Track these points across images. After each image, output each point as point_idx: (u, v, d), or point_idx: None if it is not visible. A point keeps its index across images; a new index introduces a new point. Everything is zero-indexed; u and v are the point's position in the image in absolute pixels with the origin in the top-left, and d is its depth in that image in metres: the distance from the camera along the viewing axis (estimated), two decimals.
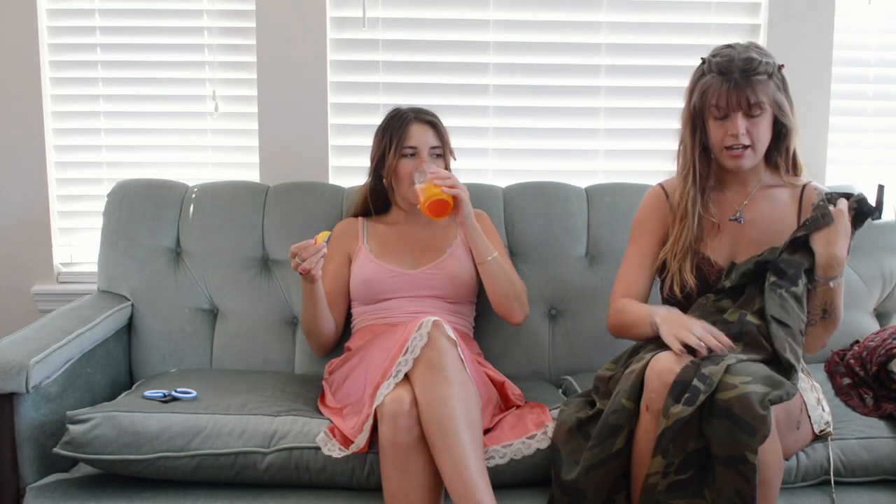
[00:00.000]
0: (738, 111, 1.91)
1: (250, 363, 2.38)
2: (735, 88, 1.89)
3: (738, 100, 1.90)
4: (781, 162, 2.04)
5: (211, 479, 1.88)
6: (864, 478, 1.93)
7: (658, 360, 1.77)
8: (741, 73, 1.89)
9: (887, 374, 2.06)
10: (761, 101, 1.90)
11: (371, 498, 1.86)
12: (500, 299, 2.20)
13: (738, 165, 1.98)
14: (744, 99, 1.89)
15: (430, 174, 2.09)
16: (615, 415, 1.78)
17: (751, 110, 1.91)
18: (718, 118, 1.94)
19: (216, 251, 2.44)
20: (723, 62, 1.91)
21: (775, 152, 2.03)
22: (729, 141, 1.94)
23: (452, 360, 1.82)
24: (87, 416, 1.87)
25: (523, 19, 2.69)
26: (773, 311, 1.84)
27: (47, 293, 2.70)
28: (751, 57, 1.90)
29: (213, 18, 2.67)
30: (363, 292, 2.26)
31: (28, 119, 2.65)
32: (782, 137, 2.01)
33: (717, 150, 1.98)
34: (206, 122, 2.71)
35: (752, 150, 1.95)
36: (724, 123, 1.94)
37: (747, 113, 1.91)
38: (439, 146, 2.27)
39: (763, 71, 1.90)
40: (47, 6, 2.66)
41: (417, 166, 2.21)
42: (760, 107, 1.91)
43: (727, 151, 1.96)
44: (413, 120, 2.25)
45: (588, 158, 2.74)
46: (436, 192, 2.05)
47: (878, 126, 2.78)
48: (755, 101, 1.90)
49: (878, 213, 1.91)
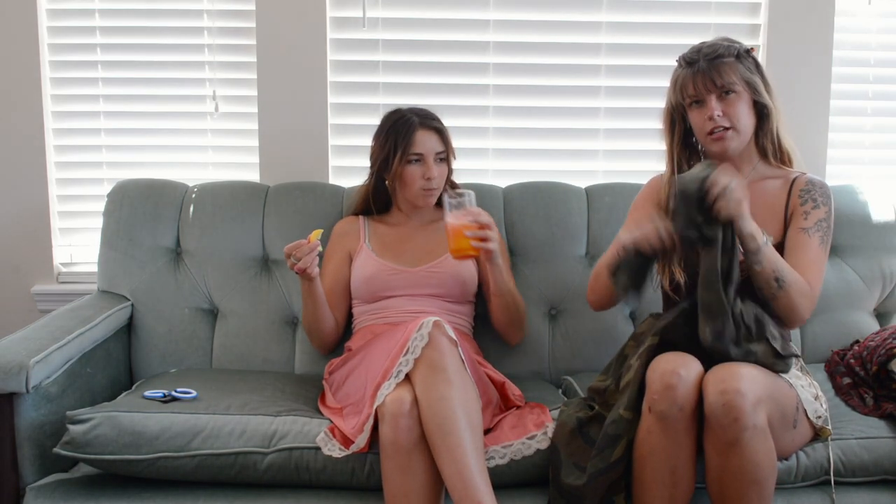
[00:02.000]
0: (711, 94, 1.96)
1: (250, 363, 2.39)
2: (701, 72, 1.97)
3: (705, 83, 1.96)
4: (769, 145, 2.07)
5: (211, 479, 1.88)
6: (864, 478, 1.92)
7: (660, 361, 1.78)
8: (706, 58, 1.98)
9: (887, 373, 2.06)
10: (730, 82, 1.96)
11: (371, 498, 1.86)
12: (505, 326, 2.26)
13: (724, 148, 2.00)
14: (710, 81, 1.96)
15: (466, 214, 1.99)
16: (613, 425, 1.80)
17: (722, 91, 1.96)
18: (695, 107, 2.00)
19: (216, 251, 2.44)
20: (690, 54, 2.01)
21: (761, 135, 2.06)
22: (708, 125, 1.98)
23: (453, 361, 1.82)
24: (87, 416, 1.87)
25: (523, 19, 2.69)
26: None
27: (47, 293, 2.70)
28: (715, 43, 2.00)
29: (213, 18, 2.67)
30: (364, 290, 2.26)
31: (28, 119, 2.65)
32: (764, 118, 2.04)
33: (701, 138, 2.03)
34: (206, 122, 2.71)
35: (734, 130, 1.99)
36: (701, 110, 1.99)
37: (720, 96, 1.97)
38: (444, 151, 2.27)
39: (727, 53, 1.97)
40: (47, 6, 2.66)
41: (424, 172, 2.22)
42: (731, 88, 1.96)
43: (710, 137, 2.00)
44: (419, 126, 2.25)
45: (588, 158, 2.74)
46: (465, 247, 1.99)
47: (878, 126, 2.77)
48: (723, 83, 1.96)
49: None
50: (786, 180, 2.07)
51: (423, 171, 2.23)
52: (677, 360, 1.77)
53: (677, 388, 1.73)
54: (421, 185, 2.25)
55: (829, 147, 2.69)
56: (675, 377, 1.73)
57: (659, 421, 1.74)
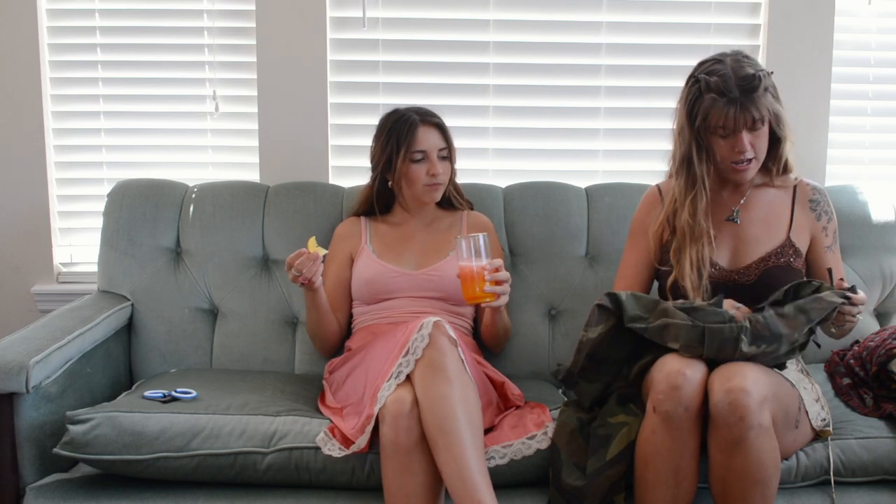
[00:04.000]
0: (743, 129, 1.93)
1: (250, 363, 2.38)
2: (739, 109, 1.90)
3: (744, 119, 1.91)
4: (773, 166, 2.07)
5: (211, 479, 1.88)
6: (864, 478, 1.93)
7: (665, 362, 1.79)
8: (741, 91, 1.90)
9: (887, 374, 2.06)
10: (763, 116, 1.93)
11: (371, 498, 1.86)
12: (490, 340, 2.28)
13: (744, 178, 2.01)
14: (749, 117, 1.91)
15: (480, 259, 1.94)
16: (602, 428, 1.83)
17: (754, 125, 1.93)
18: (723, 136, 1.95)
19: (216, 251, 2.44)
20: (720, 82, 1.90)
21: (769, 160, 2.05)
22: (735, 156, 1.96)
23: (453, 361, 1.82)
24: (87, 416, 1.87)
25: (523, 19, 2.69)
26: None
27: (47, 293, 2.70)
28: (746, 74, 1.90)
29: (213, 18, 2.67)
30: (365, 292, 2.26)
31: (28, 119, 2.65)
32: (775, 144, 2.03)
33: (723, 165, 2.00)
34: (206, 122, 2.71)
35: (756, 160, 1.99)
36: (730, 141, 1.95)
37: (751, 128, 1.94)
38: (446, 147, 2.27)
39: (759, 85, 1.91)
40: (47, 6, 2.66)
41: (428, 169, 2.22)
42: (763, 121, 1.94)
43: (734, 166, 1.98)
44: (420, 123, 2.24)
45: (588, 158, 2.74)
46: (480, 295, 1.96)
47: (878, 126, 2.77)
48: (759, 117, 1.92)
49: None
50: (786, 185, 2.09)
51: (428, 167, 2.23)
52: (683, 360, 1.77)
53: (683, 388, 1.73)
54: (425, 182, 2.24)
55: (829, 147, 2.69)
56: (681, 377, 1.74)
57: (664, 421, 1.74)
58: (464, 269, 1.95)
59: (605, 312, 1.88)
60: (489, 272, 1.94)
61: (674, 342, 1.79)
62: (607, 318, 1.87)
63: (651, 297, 1.92)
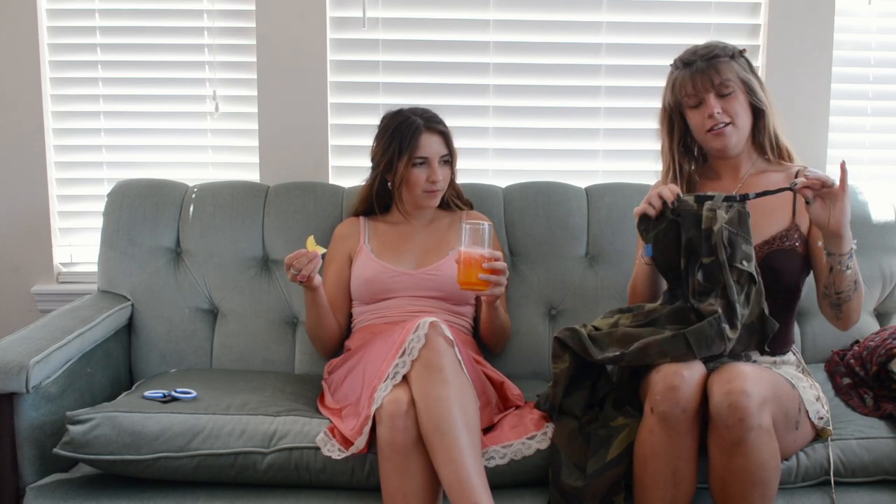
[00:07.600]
0: (709, 92, 1.99)
1: (250, 363, 2.39)
2: (699, 72, 2.00)
3: (704, 82, 2.00)
4: (766, 142, 2.09)
5: (211, 479, 1.88)
6: (864, 478, 1.92)
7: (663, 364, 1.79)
8: (703, 58, 2.01)
9: (887, 374, 2.06)
10: (727, 80, 1.99)
11: (371, 498, 1.86)
12: (490, 338, 2.28)
13: (724, 144, 2.03)
14: (709, 80, 1.99)
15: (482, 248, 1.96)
16: (603, 429, 1.83)
17: (720, 89, 1.99)
18: (693, 106, 2.02)
19: (216, 251, 2.44)
20: (685, 55, 2.05)
21: (758, 133, 2.08)
22: (708, 123, 2.01)
23: (450, 361, 1.82)
24: (87, 416, 1.87)
25: (523, 19, 2.69)
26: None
27: (47, 293, 2.70)
28: (709, 44, 2.04)
29: (213, 18, 2.67)
30: (363, 291, 2.26)
31: (28, 119, 2.65)
32: (760, 116, 2.06)
33: (700, 136, 2.05)
34: (206, 122, 2.71)
35: (733, 126, 2.02)
36: (700, 109, 2.02)
37: (718, 93, 1.99)
38: (448, 154, 2.28)
39: (722, 53, 2.01)
40: (47, 6, 2.66)
41: (429, 175, 2.23)
42: (728, 85, 2.00)
43: (710, 133, 2.02)
44: (423, 129, 2.24)
45: (588, 158, 2.74)
46: (474, 281, 1.97)
47: (878, 126, 2.77)
48: (721, 80, 1.99)
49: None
50: (788, 173, 2.08)
51: (428, 174, 2.24)
52: (680, 363, 1.77)
53: (680, 388, 1.73)
54: (424, 188, 2.25)
55: (829, 147, 2.69)
56: (679, 378, 1.74)
57: (661, 422, 1.74)
58: (463, 253, 1.97)
59: (563, 346, 1.92)
60: (487, 261, 1.96)
61: (662, 358, 1.79)
62: (566, 351, 1.91)
63: (607, 321, 1.96)
